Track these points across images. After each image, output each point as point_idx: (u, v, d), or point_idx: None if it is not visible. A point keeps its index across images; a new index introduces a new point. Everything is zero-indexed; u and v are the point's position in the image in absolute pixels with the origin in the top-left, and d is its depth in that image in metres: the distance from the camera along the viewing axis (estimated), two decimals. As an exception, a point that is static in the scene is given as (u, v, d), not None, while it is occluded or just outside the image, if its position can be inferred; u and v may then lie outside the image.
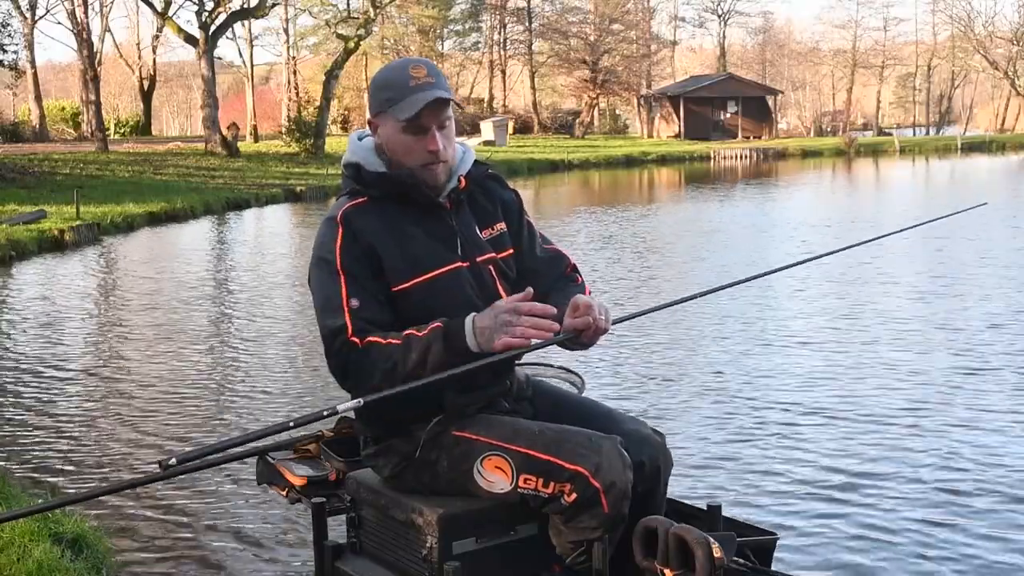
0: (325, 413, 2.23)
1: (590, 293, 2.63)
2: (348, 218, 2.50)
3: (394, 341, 2.38)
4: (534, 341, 2.32)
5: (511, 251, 2.67)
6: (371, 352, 2.39)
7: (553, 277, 2.71)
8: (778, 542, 2.57)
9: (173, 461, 2.02)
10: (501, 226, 2.67)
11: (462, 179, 2.60)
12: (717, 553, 2.19)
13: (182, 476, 4.77)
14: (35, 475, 5.57)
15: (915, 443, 5.68)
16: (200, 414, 6.74)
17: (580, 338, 2.45)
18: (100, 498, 4.86)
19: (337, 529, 2.74)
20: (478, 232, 2.62)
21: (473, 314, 2.37)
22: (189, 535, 4.73)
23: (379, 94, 2.55)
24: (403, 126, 2.51)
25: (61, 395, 7.36)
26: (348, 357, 2.41)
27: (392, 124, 2.53)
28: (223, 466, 4.91)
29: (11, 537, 4.05)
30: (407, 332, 2.39)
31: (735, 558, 2.42)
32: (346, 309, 2.42)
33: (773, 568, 2.52)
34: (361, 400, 2.25)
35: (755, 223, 18.67)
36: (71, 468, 5.69)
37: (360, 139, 2.65)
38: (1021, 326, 8.63)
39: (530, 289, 2.39)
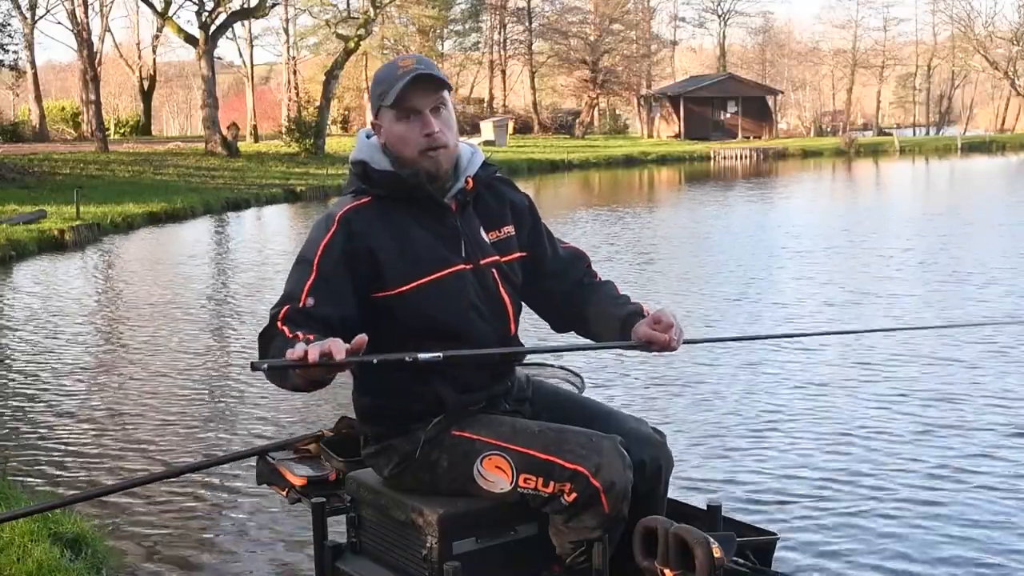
0: (407, 359, 2.23)
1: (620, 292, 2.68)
2: (347, 220, 2.49)
3: (288, 335, 2.30)
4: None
5: (518, 255, 2.65)
6: (272, 336, 2.36)
7: (577, 275, 2.73)
8: (778, 542, 2.57)
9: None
10: (508, 229, 2.65)
11: (469, 180, 2.58)
12: (717, 553, 2.19)
13: (182, 476, 4.81)
14: (35, 475, 5.57)
15: (918, 445, 5.68)
16: (200, 414, 6.74)
17: (649, 347, 2.52)
18: (100, 498, 4.86)
19: (337, 529, 2.74)
20: (483, 234, 2.60)
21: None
22: (189, 535, 4.73)
23: (375, 92, 2.56)
24: (396, 114, 2.50)
25: (61, 395, 7.35)
26: (263, 336, 2.40)
27: (389, 117, 2.52)
28: (222, 467, 4.96)
29: (11, 537, 4.05)
30: (297, 332, 2.29)
31: (735, 558, 2.41)
32: (301, 301, 2.40)
33: (773, 568, 2.52)
34: (440, 355, 2.25)
35: (756, 226, 18.65)
36: (71, 468, 5.69)
37: (368, 137, 2.64)
38: None
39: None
